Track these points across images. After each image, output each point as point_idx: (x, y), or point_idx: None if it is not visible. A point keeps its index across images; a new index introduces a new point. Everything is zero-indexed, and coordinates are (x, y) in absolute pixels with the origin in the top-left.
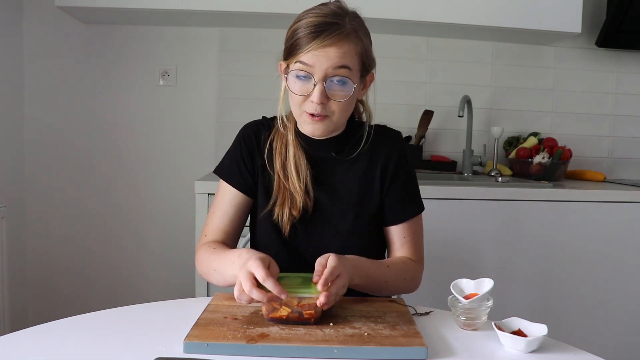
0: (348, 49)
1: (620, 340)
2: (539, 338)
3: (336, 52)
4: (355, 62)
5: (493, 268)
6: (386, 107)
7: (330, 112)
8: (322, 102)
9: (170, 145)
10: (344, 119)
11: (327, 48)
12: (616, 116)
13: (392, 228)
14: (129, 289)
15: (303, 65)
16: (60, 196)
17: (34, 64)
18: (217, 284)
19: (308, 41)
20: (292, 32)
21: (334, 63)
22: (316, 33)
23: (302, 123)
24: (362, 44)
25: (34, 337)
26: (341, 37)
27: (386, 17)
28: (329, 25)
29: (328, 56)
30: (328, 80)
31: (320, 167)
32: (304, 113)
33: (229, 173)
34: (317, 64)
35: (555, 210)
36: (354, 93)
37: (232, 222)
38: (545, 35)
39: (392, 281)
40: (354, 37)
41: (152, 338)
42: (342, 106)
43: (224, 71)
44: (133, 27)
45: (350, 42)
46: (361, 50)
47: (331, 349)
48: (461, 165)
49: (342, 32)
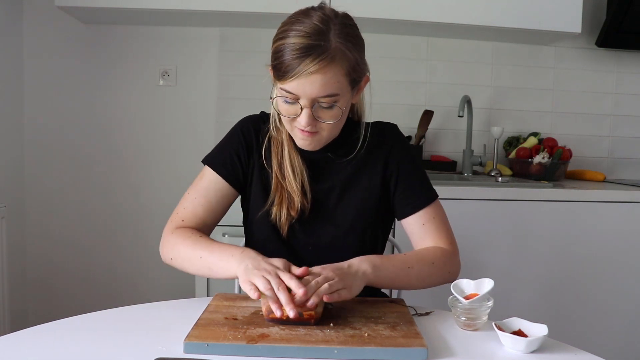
0: (333, 74)
1: (620, 340)
2: (539, 338)
3: (321, 79)
4: (343, 84)
5: (493, 268)
6: (386, 107)
7: (320, 129)
8: (310, 125)
9: (170, 145)
10: (336, 132)
11: (311, 76)
12: (616, 116)
13: (409, 219)
14: (129, 289)
15: (288, 93)
16: (60, 196)
17: (34, 64)
18: (194, 273)
19: (292, 68)
20: (276, 49)
21: (320, 92)
22: (299, 59)
23: (295, 137)
24: (348, 62)
25: (34, 337)
26: (326, 62)
27: (386, 17)
28: (313, 49)
29: (313, 84)
30: (315, 105)
31: (317, 166)
32: (295, 129)
33: (219, 162)
34: (302, 92)
35: (555, 210)
36: (344, 113)
37: (213, 214)
38: (545, 35)
39: (418, 265)
40: (339, 59)
41: (152, 338)
42: (332, 125)
43: (223, 71)
44: (133, 27)
45: (335, 66)
46: (348, 69)
47: (331, 349)
48: (461, 165)
49: (326, 56)
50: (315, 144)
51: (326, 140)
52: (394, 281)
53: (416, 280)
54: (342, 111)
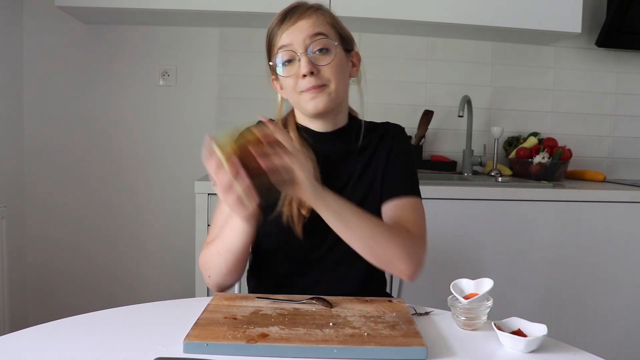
0: (317, 19)
1: (620, 340)
2: (538, 338)
3: (306, 22)
4: (330, 31)
5: (493, 268)
6: (386, 107)
7: (326, 79)
8: (312, 72)
9: (170, 145)
10: (341, 88)
11: (296, 23)
12: (616, 116)
13: (387, 204)
14: (129, 290)
15: (283, 50)
16: (60, 195)
17: (34, 64)
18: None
19: (278, 27)
20: (266, 36)
21: (309, 32)
22: (283, 17)
23: (304, 104)
24: (330, 16)
25: (34, 337)
26: (305, 10)
27: (387, 17)
28: (293, 8)
29: (301, 29)
30: (309, 52)
31: (326, 162)
32: (302, 93)
33: None
34: (293, 40)
35: (555, 210)
36: (341, 59)
37: None
38: (545, 35)
39: (372, 222)
40: (319, 11)
41: (152, 338)
42: (334, 71)
43: (223, 71)
44: (133, 27)
45: (317, 14)
46: (331, 20)
47: (331, 349)
48: (461, 165)
49: (305, 7)
50: (325, 100)
51: (335, 96)
52: (339, 216)
53: (362, 233)
54: (337, 56)
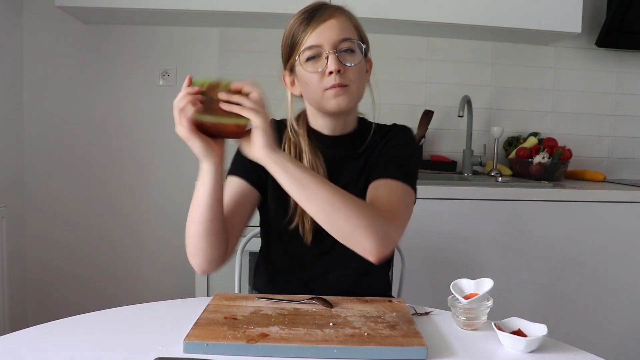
0: (344, 20)
1: (620, 340)
2: (538, 338)
3: (336, 23)
4: (356, 35)
5: (493, 268)
6: (386, 107)
7: (349, 80)
8: (339, 70)
9: (170, 145)
10: (360, 91)
11: (326, 22)
12: (616, 116)
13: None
14: (129, 291)
15: (311, 48)
16: (60, 195)
17: (34, 64)
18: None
19: (306, 26)
20: (287, 34)
21: (338, 34)
22: (310, 17)
23: (325, 100)
24: (353, 18)
25: (34, 337)
26: (333, 11)
27: (386, 17)
28: (318, 7)
29: (332, 28)
30: (338, 51)
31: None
32: (326, 90)
33: (234, 167)
34: (323, 40)
35: (555, 210)
36: (362, 62)
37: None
38: (545, 35)
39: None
40: (345, 11)
41: (152, 338)
42: (357, 73)
43: (224, 71)
44: (133, 27)
45: (344, 15)
46: (355, 23)
47: (331, 348)
48: (461, 165)
49: (332, 8)
50: (348, 99)
51: (356, 97)
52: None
53: (323, 201)
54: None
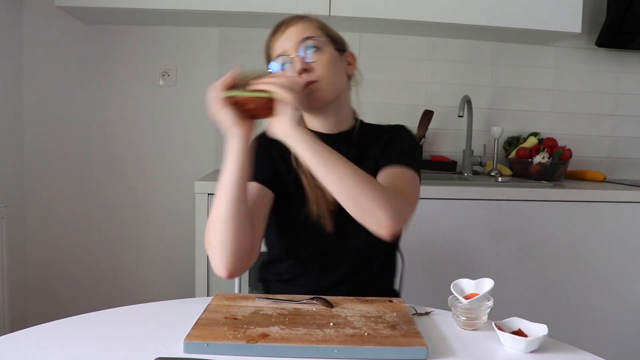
0: (305, 25)
1: (620, 340)
2: (539, 338)
3: (295, 29)
4: (319, 32)
5: (493, 268)
6: (386, 107)
7: (318, 76)
8: (305, 69)
9: (170, 146)
10: (337, 82)
11: (287, 30)
12: (616, 116)
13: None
14: (129, 291)
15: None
16: (60, 195)
17: (34, 64)
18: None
19: (271, 38)
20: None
21: (299, 37)
22: (275, 29)
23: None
24: (317, 21)
25: (34, 337)
26: (295, 19)
27: (387, 17)
28: (284, 19)
29: (290, 35)
30: (301, 53)
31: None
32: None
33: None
34: (285, 45)
35: (555, 210)
36: (333, 56)
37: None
38: (545, 35)
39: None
40: (306, 18)
41: (152, 338)
42: (326, 68)
43: (224, 71)
44: (133, 27)
45: (303, 21)
46: (318, 24)
47: (331, 348)
48: (461, 165)
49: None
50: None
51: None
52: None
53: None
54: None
